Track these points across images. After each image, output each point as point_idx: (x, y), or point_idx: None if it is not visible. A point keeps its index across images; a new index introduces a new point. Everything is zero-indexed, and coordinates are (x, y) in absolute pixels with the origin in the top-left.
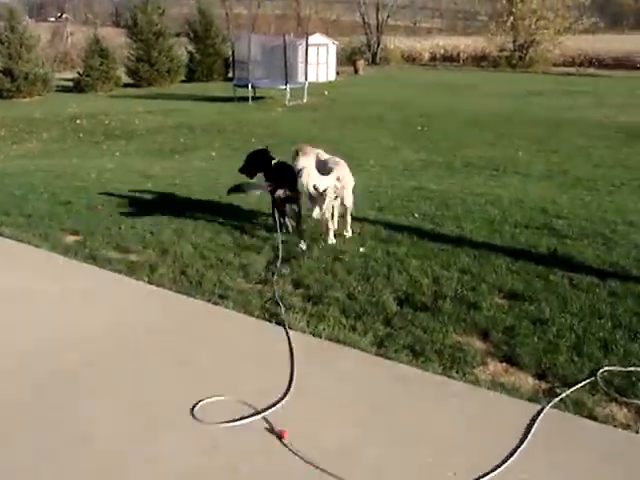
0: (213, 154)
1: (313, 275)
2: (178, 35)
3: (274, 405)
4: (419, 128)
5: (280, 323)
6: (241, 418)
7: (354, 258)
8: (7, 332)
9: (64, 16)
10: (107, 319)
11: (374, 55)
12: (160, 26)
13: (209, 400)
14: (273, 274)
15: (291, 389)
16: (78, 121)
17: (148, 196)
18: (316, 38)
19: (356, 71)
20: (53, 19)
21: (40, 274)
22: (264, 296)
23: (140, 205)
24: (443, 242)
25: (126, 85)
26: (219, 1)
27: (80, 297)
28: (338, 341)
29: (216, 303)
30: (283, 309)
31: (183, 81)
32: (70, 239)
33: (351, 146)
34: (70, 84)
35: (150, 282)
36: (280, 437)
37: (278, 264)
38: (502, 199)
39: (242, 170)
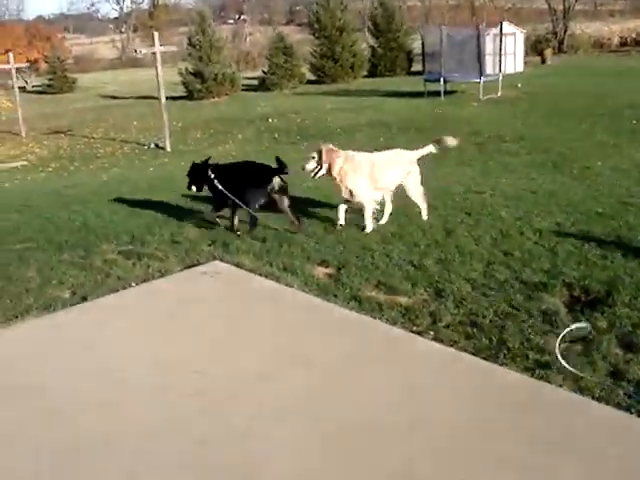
0: None
1: None
2: (359, 30)
3: None
4: (634, 122)
5: None
6: None
7: None
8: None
9: (242, 17)
10: (402, 401)
11: (560, 43)
12: (343, 21)
13: None
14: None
15: None
16: (270, 120)
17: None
18: (504, 27)
19: (543, 61)
20: (232, 21)
21: (302, 327)
22: (595, 365)
23: (380, 225)
24: None
25: (309, 82)
26: None
27: (356, 362)
28: None
29: (540, 376)
30: None
31: (365, 76)
32: (320, 272)
33: (567, 144)
34: (254, 83)
35: (436, 337)
36: None
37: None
38: None
39: (190, 186)
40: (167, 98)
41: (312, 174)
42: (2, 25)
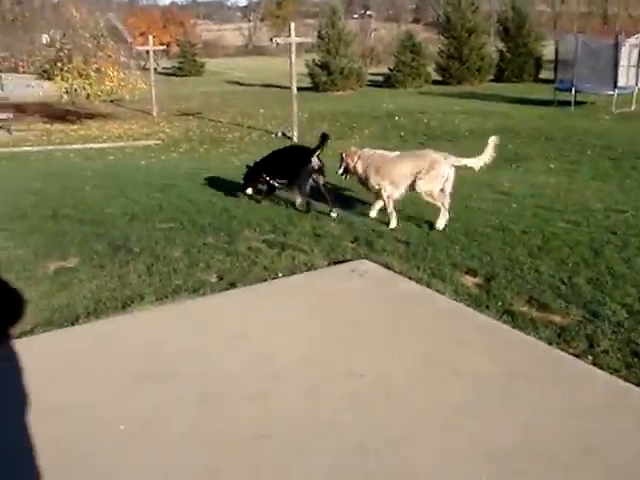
0: (552, 166)
1: None
2: (487, 33)
3: None
4: None
5: None
6: None
7: None
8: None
9: (368, 13)
10: (565, 426)
11: None
12: (473, 23)
13: None
14: None
15: None
16: (396, 118)
17: (521, 224)
18: None
19: None
20: (357, 15)
21: (455, 336)
22: None
23: (522, 236)
24: None
25: (434, 82)
26: None
27: (513, 379)
28: None
29: None
30: None
31: (491, 80)
32: (468, 281)
33: None
34: (378, 79)
35: (595, 362)
36: None
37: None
38: None
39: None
40: (296, 88)
41: (342, 176)
42: (141, 9)
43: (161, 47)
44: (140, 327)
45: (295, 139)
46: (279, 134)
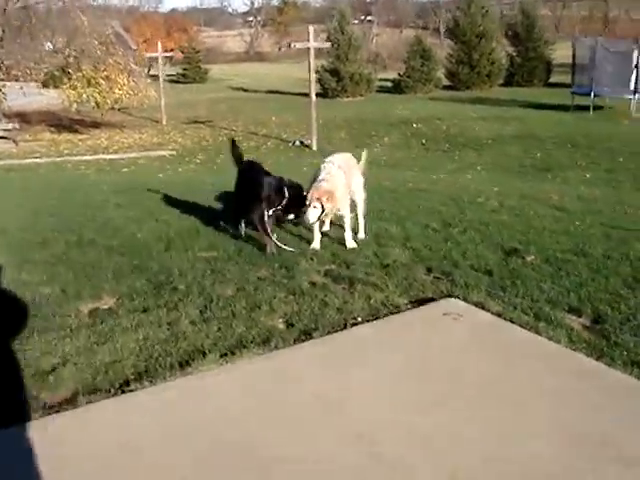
0: (587, 175)
1: None
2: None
3: None
4: None
5: None
6: None
7: None
8: None
9: (368, 18)
10: None
11: None
12: (483, 27)
13: None
14: None
15: None
16: (414, 125)
17: (597, 247)
18: None
19: None
20: (356, 21)
21: (582, 398)
22: None
23: (606, 263)
24: None
25: (443, 87)
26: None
27: None
28: None
29: None
30: None
31: (501, 85)
32: (574, 322)
33: None
34: (386, 85)
35: None
36: None
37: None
38: None
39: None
40: (302, 95)
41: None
42: (143, 16)
43: (169, 54)
44: (207, 393)
45: (314, 148)
46: (297, 143)
